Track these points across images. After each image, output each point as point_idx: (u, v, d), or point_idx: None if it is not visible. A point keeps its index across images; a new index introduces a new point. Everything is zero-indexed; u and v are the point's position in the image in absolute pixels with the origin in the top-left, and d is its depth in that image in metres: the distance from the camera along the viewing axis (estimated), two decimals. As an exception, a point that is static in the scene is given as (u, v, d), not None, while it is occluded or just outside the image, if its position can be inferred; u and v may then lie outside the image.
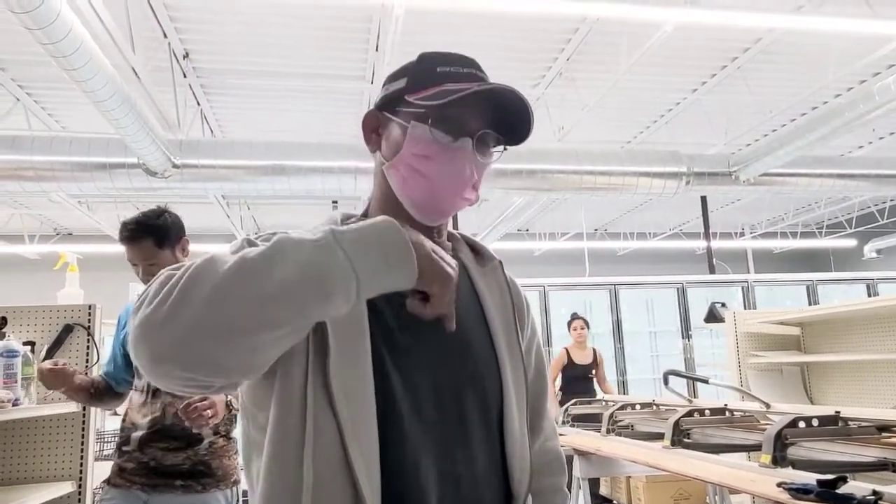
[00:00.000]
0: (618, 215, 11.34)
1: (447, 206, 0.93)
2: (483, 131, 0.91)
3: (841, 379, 3.97)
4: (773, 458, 1.91)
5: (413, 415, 0.84)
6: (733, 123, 6.87)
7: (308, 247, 0.69)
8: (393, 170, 0.93)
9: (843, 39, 5.17)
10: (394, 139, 0.93)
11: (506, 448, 0.91)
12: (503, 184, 5.84)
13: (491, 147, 0.94)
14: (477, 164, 0.91)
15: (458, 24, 4.86)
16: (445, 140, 0.89)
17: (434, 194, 0.91)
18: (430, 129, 0.89)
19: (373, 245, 0.71)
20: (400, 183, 0.93)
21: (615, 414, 3.21)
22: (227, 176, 5.44)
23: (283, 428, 0.79)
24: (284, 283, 0.67)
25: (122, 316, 2.29)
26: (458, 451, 0.86)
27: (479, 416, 0.89)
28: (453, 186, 0.91)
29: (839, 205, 10.50)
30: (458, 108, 0.88)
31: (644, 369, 8.12)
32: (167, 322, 0.65)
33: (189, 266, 0.68)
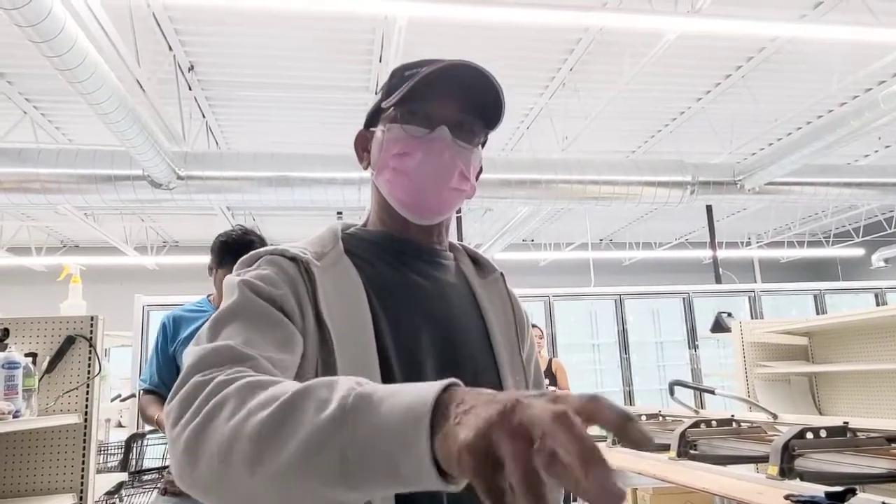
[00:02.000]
0: (623, 225, 11.31)
1: (436, 200, 0.91)
2: (459, 117, 0.90)
3: (850, 389, 3.92)
4: (780, 469, 1.88)
5: None
6: (738, 132, 6.86)
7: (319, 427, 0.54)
8: (379, 176, 0.94)
9: (847, 48, 5.16)
10: (376, 148, 0.94)
11: None
12: (508, 193, 5.83)
13: (474, 131, 0.93)
14: (459, 150, 0.90)
15: (460, 34, 4.88)
16: (420, 133, 0.89)
17: (420, 189, 0.90)
18: (401, 126, 0.90)
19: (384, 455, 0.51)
20: (388, 188, 0.93)
21: (621, 425, 3.17)
22: (231, 187, 5.46)
23: None
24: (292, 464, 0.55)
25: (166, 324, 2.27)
26: None
27: None
28: (437, 177, 0.89)
29: (846, 214, 10.45)
30: (426, 101, 0.88)
31: (650, 380, 8.06)
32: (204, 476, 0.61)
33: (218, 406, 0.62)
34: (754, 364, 4.13)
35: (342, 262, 0.89)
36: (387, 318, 0.85)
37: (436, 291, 0.93)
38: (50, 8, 3.07)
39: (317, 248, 0.89)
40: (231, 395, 0.62)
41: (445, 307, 0.93)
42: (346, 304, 0.84)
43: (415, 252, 0.95)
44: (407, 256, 0.94)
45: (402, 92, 0.87)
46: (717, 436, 2.56)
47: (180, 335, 2.22)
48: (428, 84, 0.86)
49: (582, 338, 8.07)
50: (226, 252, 2.19)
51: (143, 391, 2.26)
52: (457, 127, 0.90)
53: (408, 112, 0.90)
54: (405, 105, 0.89)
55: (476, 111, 0.91)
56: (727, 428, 2.64)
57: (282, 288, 0.81)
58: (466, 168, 0.92)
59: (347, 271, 0.88)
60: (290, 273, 0.84)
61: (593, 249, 10.35)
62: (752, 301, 7.61)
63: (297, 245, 0.89)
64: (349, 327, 0.81)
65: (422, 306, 0.90)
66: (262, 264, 0.85)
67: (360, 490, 0.53)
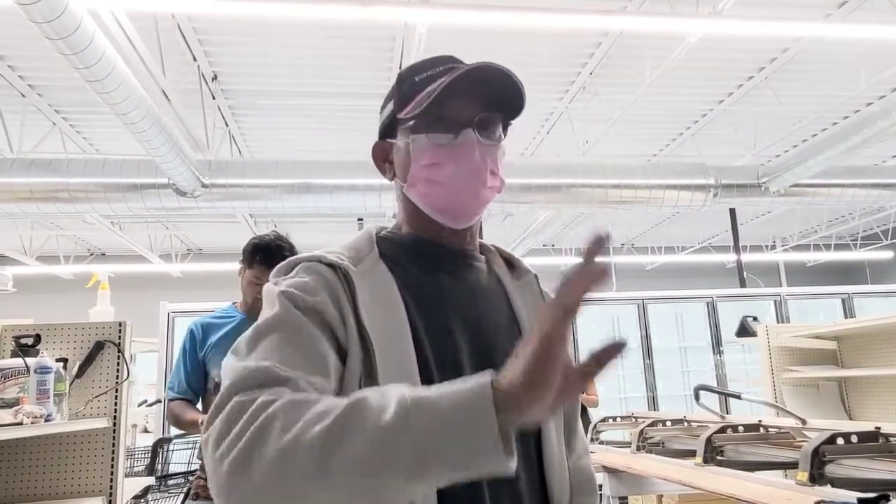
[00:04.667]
0: (645, 229, 11.22)
1: (473, 203, 0.91)
2: (480, 116, 0.89)
3: (881, 394, 3.83)
4: (810, 475, 1.85)
5: None
6: (761, 134, 6.77)
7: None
8: (412, 189, 0.93)
9: (873, 46, 5.08)
10: (402, 160, 0.93)
11: (544, 466, 0.89)
12: (528, 198, 5.82)
13: (497, 126, 0.92)
14: (486, 149, 0.90)
15: (480, 40, 4.89)
16: (447, 140, 0.88)
17: (456, 196, 0.90)
18: (427, 136, 0.89)
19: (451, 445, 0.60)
20: (422, 199, 0.92)
21: (645, 431, 3.14)
22: (254, 195, 5.53)
23: None
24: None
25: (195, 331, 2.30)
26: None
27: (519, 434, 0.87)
28: (472, 181, 0.89)
29: (874, 216, 10.25)
30: (446, 105, 0.87)
31: (674, 385, 7.96)
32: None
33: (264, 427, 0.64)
34: (781, 369, 4.06)
35: (378, 268, 0.88)
36: (424, 325, 0.85)
37: (471, 295, 0.93)
38: (79, 21, 3.14)
39: (353, 253, 0.89)
40: (278, 414, 0.64)
41: (481, 311, 0.92)
42: (385, 311, 0.83)
43: (449, 256, 0.95)
44: (441, 261, 0.94)
45: (427, 102, 0.86)
46: (744, 441, 2.52)
47: (209, 341, 2.24)
48: (450, 89, 0.86)
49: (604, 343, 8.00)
50: (256, 254, 2.22)
51: (170, 399, 2.28)
52: (480, 126, 0.89)
53: (431, 121, 0.89)
54: (427, 113, 0.88)
55: (496, 106, 0.91)
56: (754, 433, 2.60)
57: (320, 295, 0.81)
58: (495, 164, 0.92)
59: (384, 277, 0.87)
60: (329, 280, 0.83)
61: (615, 254, 10.27)
62: (777, 305, 7.49)
63: (334, 250, 0.89)
64: (389, 335, 0.81)
65: (458, 311, 0.90)
66: (300, 272, 0.85)
67: (430, 480, 0.61)
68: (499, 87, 0.89)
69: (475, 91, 0.89)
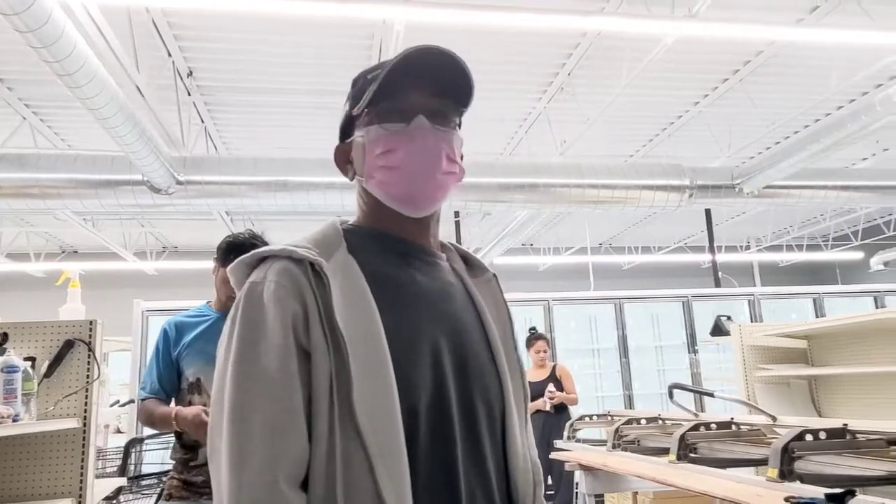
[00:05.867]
0: (622, 229, 11.32)
1: (430, 187, 0.92)
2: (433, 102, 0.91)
3: (849, 391, 3.92)
4: (780, 472, 1.88)
5: (436, 434, 0.84)
6: (736, 136, 6.87)
7: None
8: (370, 181, 0.94)
9: (844, 51, 5.18)
10: (359, 155, 0.95)
11: (508, 459, 0.91)
12: (506, 197, 5.84)
13: (450, 113, 0.94)
14: (440, 135, 0.91)
15: (458, 39, 4.89)
16: (399, 127, 0.90)
17: (412, 180, 0.91)
18: (379, 126, 0.91)
19: None
20: (379, 188, 0.93)
21: (621, 429, 3.17)
22: (230, 192, 5.47)
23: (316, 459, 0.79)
24: None
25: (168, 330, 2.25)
26: (474, 466, 0.86)
27: (488, 428, 0.89)
28: (426, 164, 0.90)
29: (844, 217, 10.46)
30: (397, 95, 0.89)
31: (650, 384, 8.04)
32: None
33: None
34: (754, 367, 4.12)
35: (349, 263, 0.88)
36: (398, 322, 0.85)
37: (440, 291, 0.93)
38: (50, 13, 3.08)
39: (321, 245, 0.88)
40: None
41: (450, 308, 0.93)
42: (357, 308, 0.83)
43: (415, 251, 0.95)
44: (408, 256, 0.94)
45: (372, 92, 0.88)
46: (716, 439, 2.56)
47: (183, 340, 2.21)
48: (394, 78, 0.88)
49: (581, 342, 8.06)
50: (230, 252, 2.19)
51: (142, 399, 2.24)
52: (432, 113, 0.90)
53: (382, 111, 0.91)
54: (377, 105, 0.90)
55: (447, 92, 0.92)
56: (727, 431, 2.64)
57: (290, 304, 0.81)
58: (451, 151, 0.93)
59: (355, 272, 0.87)
60: (298, 281, 0.83)
61: (592, 254, 10.35)
62: (751, 305, 7.61)
63: (301, 244, 0.87)
64: (362, 334, 0.81)
65: (429, 306, 0.90)
66: (270, 273, 0.84)
67: None
68: (448, 75, 0.90)
69: (425, 79, 0.90)
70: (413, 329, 0.86)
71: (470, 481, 0.84)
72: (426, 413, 0.83)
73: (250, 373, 0.80)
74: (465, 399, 0.87)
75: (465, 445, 0.85)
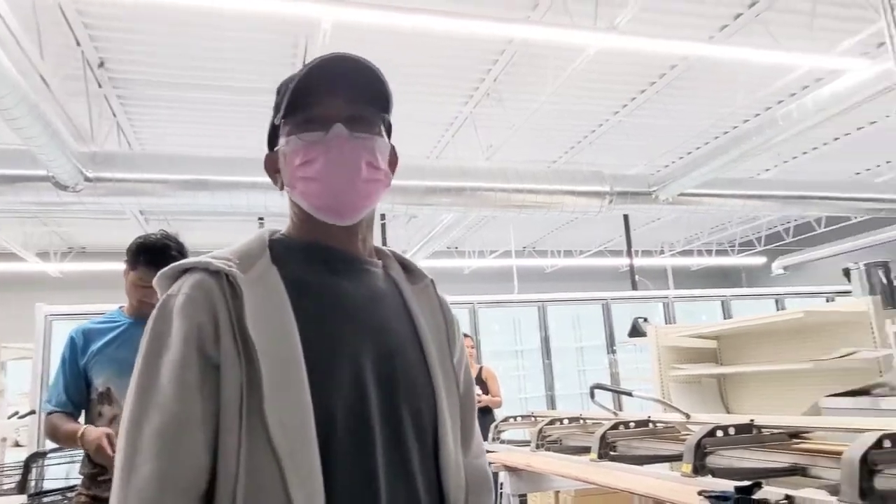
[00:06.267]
0: (545, 233, 11.59)
1: (352, 195, 0.91)
2: (352, 109, 0.91)
3: (754, 388, 4.16)
4: (693, 467, 1.96)
5: (356, 441, 0.82)
6: (653, 145, 7.18)
7: None
8: (293, 191, 0.94)
9: (750, 68, 5.50)
10: (283, 165, 0.95)
11: (440, 468, 0.90)
12: (433, 200, 5.85)
13: (370, 119, 0.93)
14: (359, 142, 0.91)
15: (386, 40, 4.87)
16: (317, 137, 0.90)
17: (332, 190, 0.90)
18: (298, 136, 0.91)
19: None
20: (303, 198, 0.93)
21: (544, 429, 3.23)
22: (144, 190, 5.21)
23: (224, 471, 0.77)
24: None
25: (75, 338, 2.10)
26: (398, 474, 0.85)
27: (416, 436, 0.88)
28: (344, 172, 0.90)
29: (749, 224, 11.12)
30: (314, 104, 0.90)
31: (571, 385, 8.26)
32: None
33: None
34: (668, 367, 4.31)
35: (269, 273, 0.87)
36: (317, 331, 0.84)
37: (367, 299, 0.92)
38: (-59, -7, 2.84)
39: (243, 257, 0.87)
40: None
41: (378, 315, 0.92)
42: (273, 318, 0.82)
43: (343, 260, 0.94)
44: (336, 264, 0.93)
45: (285, 103, 0.89)
46: (634, 437, 2.65)
47: (91, 348, 2.08)
48: (310, 87, 0.88)
49: (506, 344, 8.19)
50: (141, 254, 2.09)
51: (48, 413, 2.09)
52: (352, 120, 0.90)
53: (300, 121, 0.90)
54: (296, 115, 0.90)
55: (366, 99, 0.92)
56: (644, 429, 2.74)
57: (197, 316, 0.81)
58: (373, 157, 0.92)
59: (274, 283, 0.86)
60: (210, 293, 0.82)
61: (516, 257, 10.54)
62: (665, 307, 7.96)
63: (223, 255, 0.87)
64: (276, 343, 0.80)
65: (354, 315, 0.89)
66: (185, 286, 0.84)
67: None
68: (365, 81, 0.91)
69: (341, 87, 0.90)
70: (334, 337, 0.85)
71: (393, 492, 0.83)
72: (344, 423, 0.82)
73: (147, 386, 0.79)
74: (390, 408, 0.86)
75: (389, 455, 0.84)
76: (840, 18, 5.00)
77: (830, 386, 3.06)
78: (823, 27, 4.99)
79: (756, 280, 12.59)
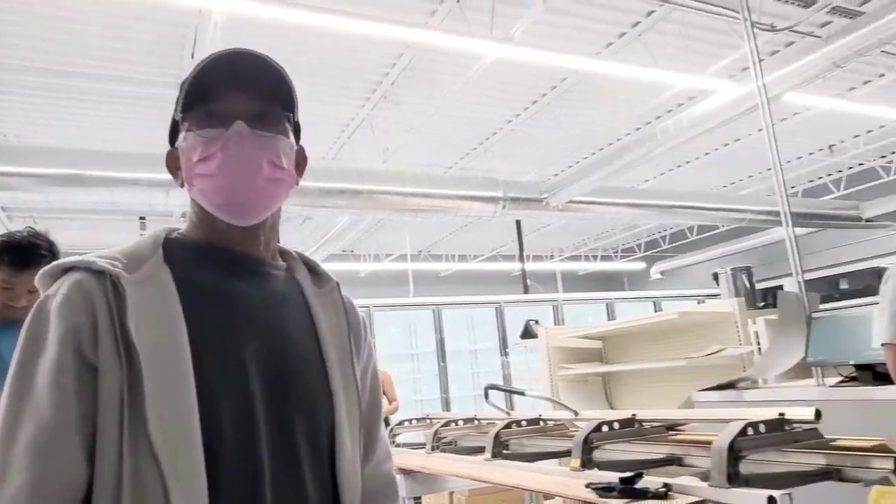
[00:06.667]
0: (441, 237, 11.72)
1: (252, 194, 0.88)
2: (255, 106, 0.88)
3: (636, 385, 4.42)
4: (581, 461, 2.05)
5: (242, 446, 0.80)
6: (544, 154, 7.46)
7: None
8: (192, 189, 0.90)
9: (633, 85, 5.85)
10: (182, 161, 0.91)
11: (336, 475, 0.88)
12: (328, 202, 5.76)
13: (274, 117, 0.91)
14: (261, 140, 0.88)
15: (282, 35, 4.73)
16: (217, 133, 0.87)
17: (231, 188, 0.87)
18: (195, 133, 0.87)
19: None
20: (201, 196, 0.89)
21: (439, 431, 3.26)
22: (8, 185, 4.75)
23: (102, 478, 0.73)
24: None
25: None
26: (287, 481, 0.83)
27: (308, 442, 0.86)
28: (244, 170, 0.87)
29: (631, 231, 11.81)
30: (215, 100, 0.87)
31: (466, 387, 8.41)
32: None
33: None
34: (557, 367, 4.49)
35: (159, 274, 0.83)
36: (207, 334, 0.81)
37: (264, 302, 0.90)
38: None
39: (131, 257, 0.83)
40: None
41: (274, 319, 0.90)
42: (159, 319, 0.79)
43: (242, 261, 0.91)
44: (233, 266, 0.90)
45: (184, 98, 0.86)
46: (526, 435, 2.73)
47: None
48: (211, 82, 0.86)
49: (401, 347, 8.20)
50: (5, 253, 1.90)
51: None
52: (254, 118, 0.88)
53: (200, 116, 0.87)
54: (196, 110, 0.87)
55: (269, 96, 0.90)
56: (536, 427, 2.83)
57: (74, 318, 0.77)
58: (276, 156, 0.89)
59: (163, 284, 0.82)
60: (90, 294, 0.78)
61: (412, 261, 10.59)
62: (555, 309, 8.29)
63: (109, 254, 0.82)
64: (161, 345, 0.77)
65: (249, 318, 0.86)
66: (64, 286, 0.79)
67: None
68: (267, 78, 0.89)
69: (244, 83, 0.88)
70: (225, 340, 0.83)
71: (281, 499, 0.81)
72: (230, 428, 0.79)
73: (21, 391, 0.75)
74: (280, 413, 0.84)
75: (278, 461, 0.82)
76: (711, 43, 5.43)
77: (702, 381, 3.31)
78: (696, 50, 5.41)
79: (637, 284, 13.39)
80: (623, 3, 4.84)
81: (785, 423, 1.75)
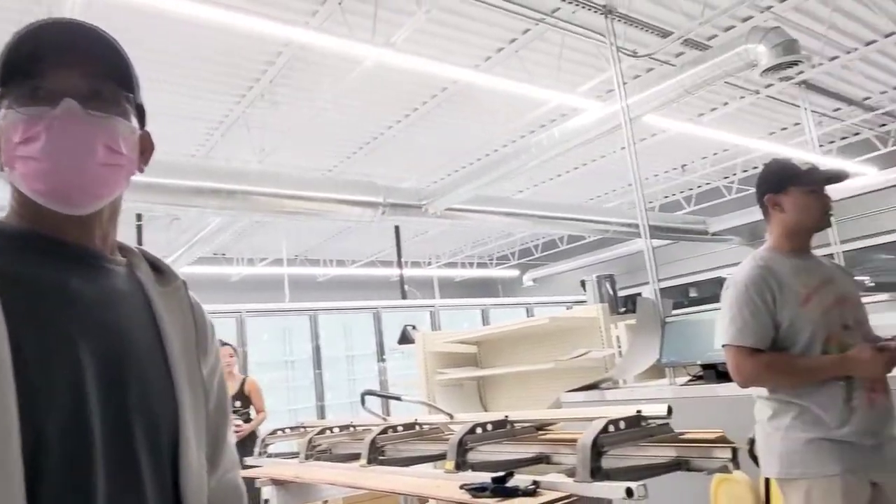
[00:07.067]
0: (318, 242, 11.50)
1: (83, 181, 0.80)
2: (89, 84, 0.81)
3: (508, 388, 4.58)
4: (455, 463, 2.09)
5: (69, 460, 0.71)
6: (424, 161, 7.54)
7: None
8: (12, 172, 0.80)
9: (510, 98, 6.08)
10: (1, 143, 0.81)
11: (180, 484, 0.82)
12: (199, 202, 5.46)
13: (118, 100, 0.84)
14: (95, 121, 0.81)
15: (155, 24, 4.43)
16: (42, 111, 0.78)
17: (57, 173, 0.79)
18: (17, 110, 0.78)
19: None
20: (24, 181, 0.80)
21: (314, 439, 3.19)
22: None
23: None
24: None
25: None
26: (126, 497, 0.76)
27: (149, 451, 0.79)
28: (74, 154, 0.79)
29: (506, 239, 12.25)
30: (41, 74, 0.79)
31: (342, 394, 8.29)
32: None
33: None
34: (434, 372, 4.55)
35: None
36: (31, 331, 0.72)
37: (99, 299, 0.82)
38: None
39: None
40: None
41: (111, 318, 0.82)
42: None
43: (73, 254, 0.82)
44: (64, 259, 0.81)
45: (3, 70, 0.77)
46: (402, 440, 2.74)
47: None
48: (38, 54, 0.77)
49: (275, 354, 7.94)
50: None
51: None
52: (89, 97, 0.80)
53: (23, 92, 0.78)
54: (20, 86, 0.78)
55: (105, 74, 0.83)
56: (412, 431, 2.84)
57: None
58: (113, 140, 0.82)
59: None
60: None
61: (288, 265, 10.29)
62: (432, 315, 8.40)
63: None
64: None
65: (81, 317, 0.78)
66: None
67: None
68: (104, 54, 0.82)
69: (76, 59, 0.80)
70: (52, 339, 0.74)
71: (115, 499, 0.74)
72: (58, 438, 0.71)
73: None
74: (117, 420, 0.77)
75: (113, 469, 0.74)
76: (582, 64, 5.77)
77: (569, 382, 3.49)
78: (568, 70, 5.72)
79: (511, 290, 13.88)
80: (502, 19, 5.02)
81: (641, 420, 1.88)
